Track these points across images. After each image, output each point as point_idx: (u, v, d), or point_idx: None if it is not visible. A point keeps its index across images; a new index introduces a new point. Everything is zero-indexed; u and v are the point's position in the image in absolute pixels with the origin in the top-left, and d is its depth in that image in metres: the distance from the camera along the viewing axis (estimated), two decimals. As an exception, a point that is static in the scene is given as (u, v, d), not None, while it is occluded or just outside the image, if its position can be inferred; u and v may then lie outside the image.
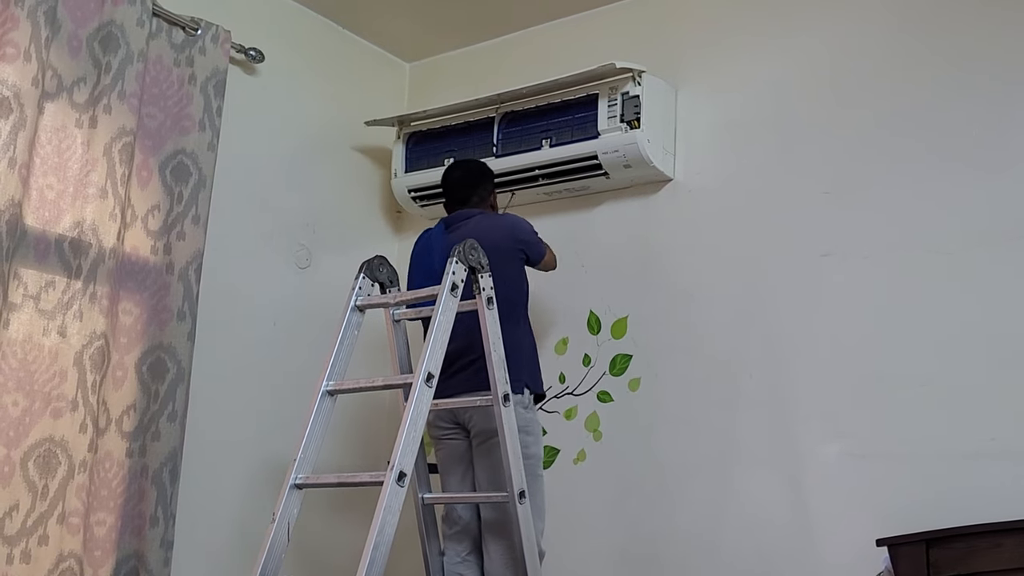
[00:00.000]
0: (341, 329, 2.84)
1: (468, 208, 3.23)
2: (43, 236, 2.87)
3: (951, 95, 3.10)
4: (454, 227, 3.17)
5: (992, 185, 2.99)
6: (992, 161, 3.00)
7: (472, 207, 3.24)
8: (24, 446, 2.77)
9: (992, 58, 3.05)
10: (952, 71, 3.11)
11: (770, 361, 3.25)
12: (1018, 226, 2.93)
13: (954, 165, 3.06)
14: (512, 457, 2.81)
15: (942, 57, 3.14)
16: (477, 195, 3.27)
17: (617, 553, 3.40)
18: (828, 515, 3.05)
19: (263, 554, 2.56)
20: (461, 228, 3.15)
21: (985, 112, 3.04)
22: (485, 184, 3.31)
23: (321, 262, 3.83)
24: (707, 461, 3.29)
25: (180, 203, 3.21)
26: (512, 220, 3.22)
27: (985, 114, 3.04)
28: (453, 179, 3.31)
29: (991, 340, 2.91)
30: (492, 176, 3.38)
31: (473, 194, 3.26)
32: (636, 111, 3.43)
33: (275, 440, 3.41)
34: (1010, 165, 2.97)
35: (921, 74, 3.16)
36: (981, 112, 3.04)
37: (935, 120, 3.12)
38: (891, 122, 3.20)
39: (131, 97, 3.08)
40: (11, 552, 2.70)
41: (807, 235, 3.27)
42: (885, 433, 3.01)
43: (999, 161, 2.99)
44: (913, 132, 3.15)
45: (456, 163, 3.44)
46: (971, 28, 3.11)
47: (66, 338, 2.88)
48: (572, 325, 3.65)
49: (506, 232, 3.14)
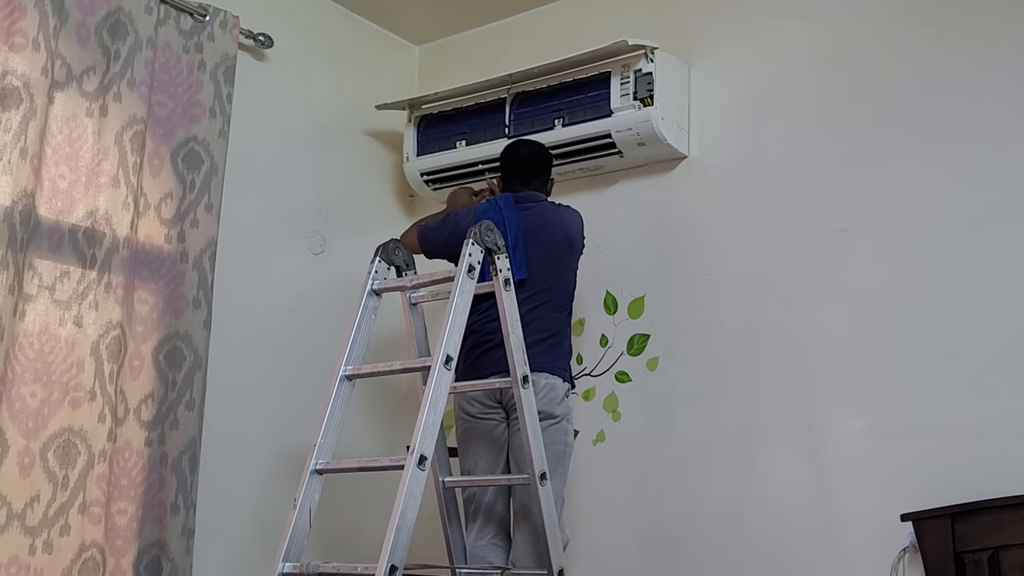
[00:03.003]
0: (358, 313, 2.83)
1: (530, 190, 3.22)
2: (57, 226, 2.86)
3: (970, 65, 3.06)
4: (526, 206, 3.15)
5: (1014, 156, 2.95)
6: (1014, 131, 2.96)
7: (533, 189, 3.23)
8: (43, 437, 2.76)
9: (1013, 27, 3.01)
10: (971, 41, 3.07)
11: (790, 337, 3.22)
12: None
13: (974, 136, 3.02)
14: (533, 439, 2.79)
15: (961, 27, 3.10)
16: (540, 179, 3.27)
17: (638, 534, 3.38)
18: (851, 491, 3.03)
19: (285, 540, 2.55)
20: (533, 210, 3.15)
21: (1006, 81, 3.00)
22: (549, 169, 3.32)
23: (335, 248, 3.82)
24: (728, 440, 3.27)
25: (192, 191, 3.19)
26: (581, 217, 3.21)
27: (1006, 83, 3.00)
28: (522, 156, 3.28)
29: (1015, 312, 2.88)
30: (552, 162, 3.37)
31: (538, 177, 3.26)
32: (649, 88, 3.40)
33: (294, 426, 3.40)
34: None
35: (939, 45, 3.13)
36: (1001, 82, 3.00)
37: (954, 91, 3.08)
38: (909, 94, 3.16)
39: (141, 85, 3.06)
40: (33, 543, 2.70)
41: (825, 210, 3.24)
42: (908, 407, 2.98)
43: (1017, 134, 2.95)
44: (931, 104, 3.11)
45: (523, 140, 3.41)
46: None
47: (82, 328, 2.87)
48: (588, 306, 3.63)
49: (579, 228, 3.19)
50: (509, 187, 3.26)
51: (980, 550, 2.69)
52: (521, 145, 3.35)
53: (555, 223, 3.15)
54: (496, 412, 3.08)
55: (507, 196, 3.19)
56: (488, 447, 3.10)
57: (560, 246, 3.12)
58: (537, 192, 3.23)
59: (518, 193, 3.20)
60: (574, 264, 3.19)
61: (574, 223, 3.19)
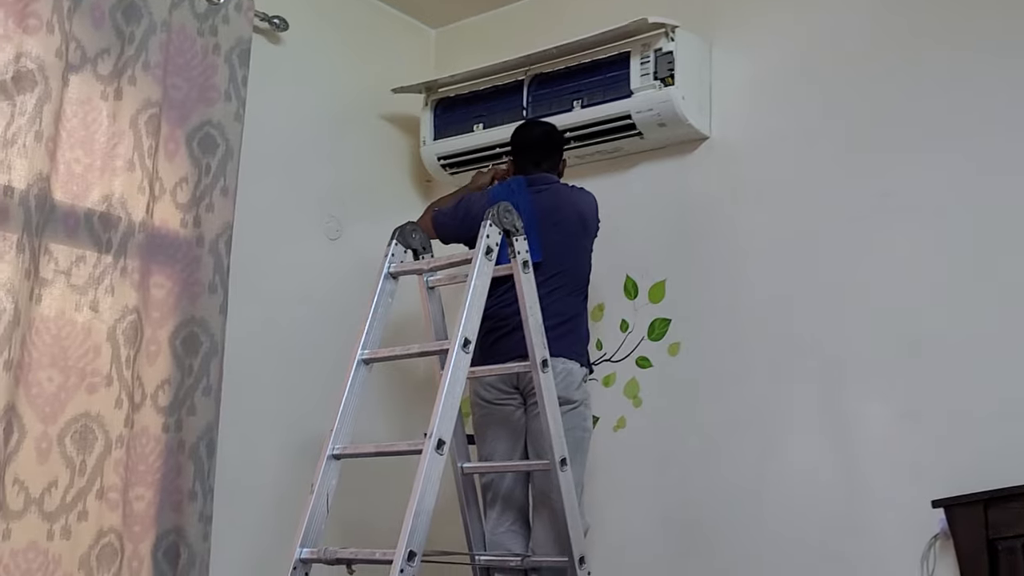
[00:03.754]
0: (375, 297, 2.80)
1: (542, 171, 3.18)
2: (72, 211, 2.84)
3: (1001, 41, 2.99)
4: (539, 188, 3.12)
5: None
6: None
7: (545, 171, 3.19)
8: (61, 422, 2.75)
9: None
10: (999, 17, 3.00)
11: (816, 321, 3.17)
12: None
13: (1005, 117, 2.96)
14: (552, 424, 2.76)
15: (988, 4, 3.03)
16: (552, 160, 3.23)
17: (659, 521, 3.35)
18: (881, 477, 2.99)
19: (303, 525, 2.54)
20: (546, 192, 3.11)
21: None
22: (561, 150, 3.29)
23: (351, 233, 3.79)
24: (752, 426, 3.23)
25: (208, 175, 3.16)
26: (594, 199, 3.18)
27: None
28: (533, 138, 3.25)
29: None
30: (564, 143, 3.35)
31: (550, 158, 3.23)
32: (670, 68, 3.35)
33: (311, 411, 3.38)
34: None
35: (969, 17, 3.06)
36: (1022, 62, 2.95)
37: (984, 68, 3.02)
38: (936, 72, 3.10)
39: (155, 68, 3.03)
40: (51, 528, 2.69)
41: (851, 191, 3.18)
42: (939, 392, 2.93)
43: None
44: (961, 82, 3.05)
45: (534, 122, 3.38)
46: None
47: (98, 313, 2.85)
48: (608, 290, 3.58)
49: (594, 210, 3.16)
50: (521, 169, 3.22)
51: (1014, 537, 2.65)
52: (532, 126, 3.32)
53: (569, 205, 3.11)
54: (513, 397, 3.04)
55: (520, 179, 3.16)
56: (506, 433, 3.07)
57: (574, 228, 3.09)
58: (549, 174, 3.19)
59: (531, 175, 3.17)
60: (589, 246, 3.15)
61: (588, 205, 3.15)
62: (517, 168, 3.25)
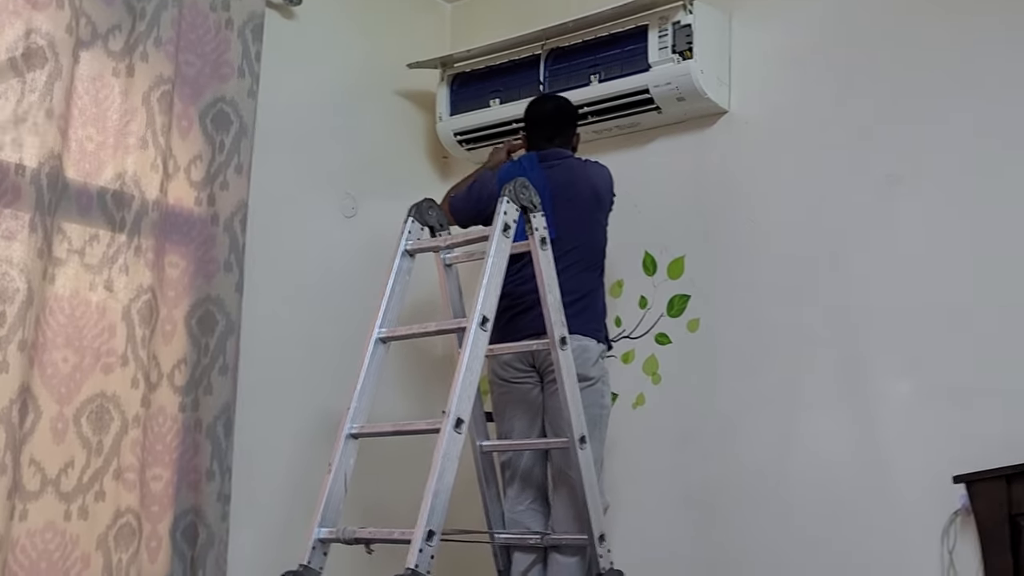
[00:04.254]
0: (391, 275, 2.78)
1: (555, 147, 3.14)
2: (85, 189, 2.82)
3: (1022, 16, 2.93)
4: (551, 164, 3.08)
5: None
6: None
7: (558, 146, 3.15)
8: (76, 402, 2.73)
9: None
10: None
11: (837, 296, 3.13)
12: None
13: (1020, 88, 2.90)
14: (572, 401, 2.73)
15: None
16: (565, 135, 3.20)
17: (679, 498, 3.32)
18: (901, 453, 2.95)
19: (320, 505, 2.53)
20: (558, 167, 3.07)
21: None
22: (575, 124, 3.24)
23: (367, 210, 3.75)
24: (772, 402, 3.19)
25: (222, 152, 3.14)
26: (609, 172, 3.14)
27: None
28: (545, 112, 3.21)
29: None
30: (578, 117, 3.30)
31: (562, 133, 3.19)
32: (688, 41, 3.29)
33: (328, 390, 3.35)
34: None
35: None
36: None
37: (1007, 37, 2.96)
38: (959, 40, 3.04)
39: (167, 44, 3.00)
40: (68, 508, 2.68)
41: (872, 163, 3.14)
42: (960, 366, 2.89)
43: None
44: (983, 50, 3.00)
45: (546, 96, 3.35)
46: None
47: (113, 292, 2.84)
48: (627, 267, 3.55)
49: (607, 183, 3.12)
50: (534, 145, 3.18)
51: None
52: (544, 101, 3.28)
53: (582, 180, 3.07)
54: (530, 376, 3.02)
55: (531, 155, 3.13)
56: (523, 411, 3.04)
57: (588, 203, 3.05)
58: (563, 149, 3.15)
59: (543, 151, 3.13)
60: (603, 221, 3.12)
61: (602, 179, 3.11)
62: (530, 144, 3.21)
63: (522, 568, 2.95)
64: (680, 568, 3.26)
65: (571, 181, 3.03)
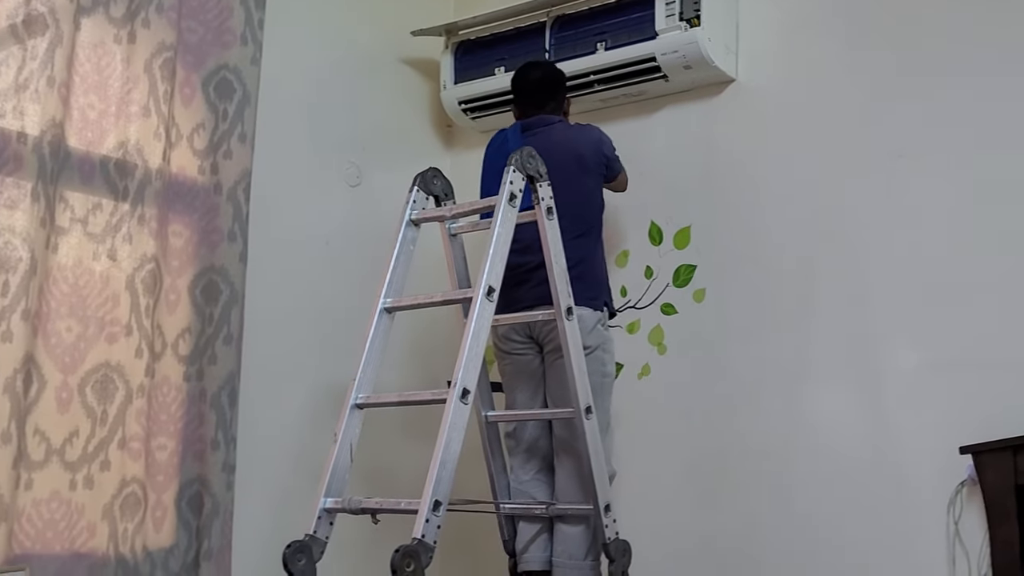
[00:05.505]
0: (396, 245, 2.76)
1: (544, 114, 3.10)
2: (87, 157, 2.79)
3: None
4: (534, 131, 3.04)
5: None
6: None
7: (548, 113, 3.11)
8: (81, 372, 2.73)
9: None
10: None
11: (844, 268, 3.12)
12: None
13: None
14: (577, 372, 2.72)
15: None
16: (555, 100, 3.15)
17: (684, 468, 3.32)
18: (908, 425, 2.95)
19: (326, 475, 2.52)
20: (541, 134, 3.03)
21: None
22: (561, 89, 3.19)
23: (372, 179, 3.73)
24: (778, 373, 3.18)
25: (225, 121, 3.11)
26: (598, 134, 3.10)
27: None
28: (531, 80, 3.16)
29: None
30: (567, 81, 3.24)
31: (551, 99, 3.14)
32: (696, 8, 3.26)
33: (333, 360, 3.35)
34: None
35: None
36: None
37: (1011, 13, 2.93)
38: (969, 12, 3.01)
39: (169, 10, 2.97)
40: (74, 478, 2.68)
41: (880, 135, 3.11)
42: (967, 338, 2.88)
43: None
44: (992, 22, 2.97)
45: (532, 63, 3.29)
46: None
47: (116, 262, 2.82)
48: (633, 237, 3.53)
49: (593, 145, 3.06)
50: (522, 113, 3.15)
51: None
52: (529, 68, 3.22)
53: (562, 144, 3.00)
54: (529, 347, 3.01)
55: (516, 124, 3.10)
56: (524, 382, 3.04)
57: (570, 168, 2.96)
58: (552, 115, 3.11)
59: (528, 119, 3.09)
60: (592, 183, 3.05)
61: (586, 140, 3.05)
62: (518, 113, 3.17)
63: (527, 538, 2.96)
64: (685, 538, 3.27)
65: (550, 148, 2.91)
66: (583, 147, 3.03)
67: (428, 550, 2.25)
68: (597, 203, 3.07)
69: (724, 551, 3.20)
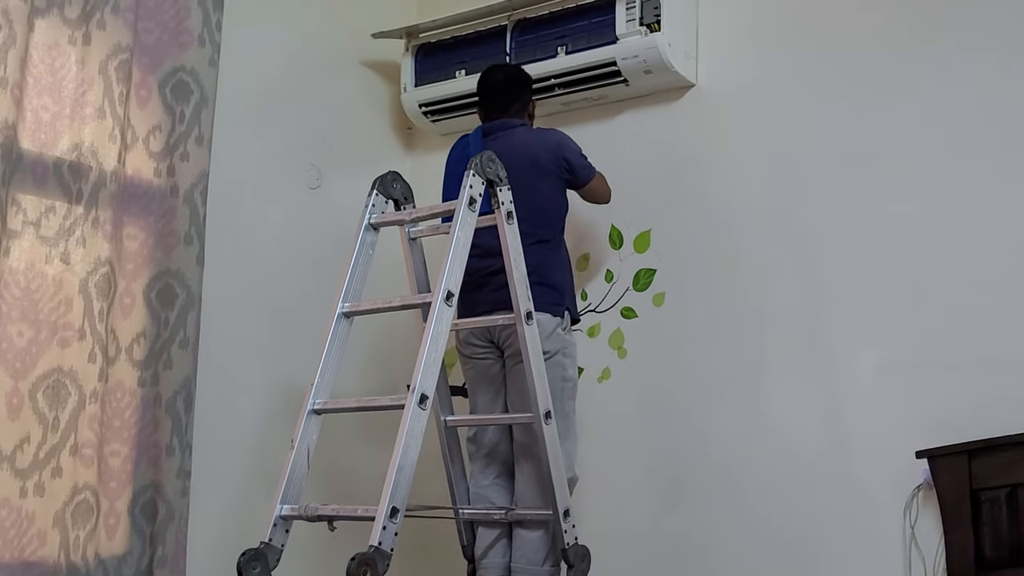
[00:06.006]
0: (355, 249, 2.75)
1: (508, 117, 3.09)
2: (40, 159, 2.75)
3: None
4: (495, 136, 3.03)
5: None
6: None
7: (512, 116, 3.09)
8: (32, 377, 2.69)
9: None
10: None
11: (801, 271, 3.15)
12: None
13: (992, 61, 2.92)
14: (537, 376, 2.72)
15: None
16: (519, 102, 3.13)
17: (644, 472, 3.33)
18: (865, 428, 2.97)
19: (283, 482, 2.50)
20: (502, 138, 3.01)
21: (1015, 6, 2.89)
22: (526, 91, 3.17)
23: (332, 182, 3.71)
24: (737, 376, 3.20)
25: (182, 123, 3.08)
26: (559, 136, 3.07)
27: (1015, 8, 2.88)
28: (494, 82, 3.14)
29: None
30: (532, 84, 3.23)
31: (515, 101, 3.12)
32: (656, 13, 3.27)
33: (291, 365, 3.33)
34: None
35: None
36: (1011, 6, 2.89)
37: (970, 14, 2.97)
38: (924, 17, 3.05)
39: (125, 11, 2.94)
40: (24, 485, 2.64)
41: (836, 139, 3.14)
42: (924, 342, 2.91)
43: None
44: (942, 30, 3.02)
45: (496, 66, 3.27)
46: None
47: (70, 265, 2.78)
48: (593, 240, 3.54)
49: (551, 147, 3.02)
50: (486, 116, 3.14)
51: (998, 487, 2.66)
52: (495, 70, 3.21)
53: (518, 147, 2.98)
54: (490, 351, 3.00)
55: (478, 128, 3.09)
56: (485, 386, 3.03)
57: (525, 172, 2.92)
58: (515, 119, 3.09)
59: (491, 123, 3.09)
60: (548, 188, 3.00)
61: (543, 144, 3.01)
62: (483, 115, 3.16)
63: (486, 543, 2.95)
64: (644, 542, 3.27)
65: (507, 151, 2.89)
66: (539, 151, 3.00)
67: (385, 557, 2.23)
68: (556, 208, 3.04)
69: (683, 554, 3.21)
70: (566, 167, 3.04)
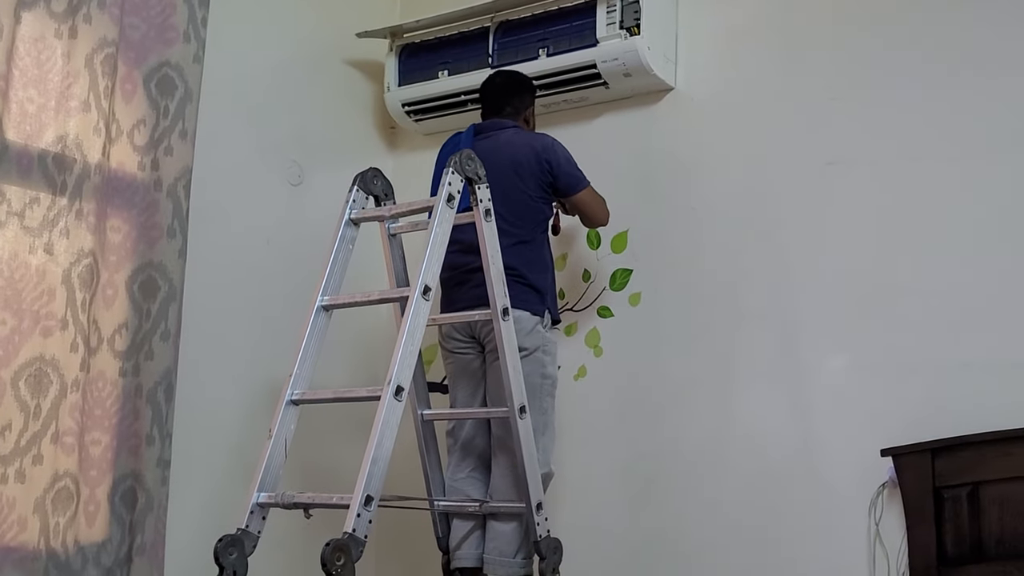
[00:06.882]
0: (335, 244, 2.78)
1: (502, 118, 3.14)
2: (25, 151, 2.79)
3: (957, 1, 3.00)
4: (485, 135, 3.08)
5: (999, 90, 2.91)
6: (1000, 66, 2.92)
7: (505, 117, 3.15)
8: (14, 366, 2.71)
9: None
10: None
11: (774, 273, 3.20)
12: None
13: (968, 68, 2.97)
14: (512, 372, 2.76)
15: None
16: (512, 106, 3.17)
17: (619, 470, 3.38)
18: (832, 428, 3.03)
19: (260, 470, 2.53)
20: (491, 138, 3.06)
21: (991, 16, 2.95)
22: (523, 96, 3.22)
23: (314, 179, 3.75)
24: (710, 376, 3.25)
25: (167, 117, 3.11)
26: (548, 141, 3.08)
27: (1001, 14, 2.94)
28: (493, 85, 3.21)
29: (998, 249, 2.85)
30: (533, 91, 3.28)
31: (508, 104, 3.17)
32: (636, 17, 3.32)
33: (271, 357, 3.36)
34: (1019, 69, 2.88)
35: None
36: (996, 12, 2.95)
37: (949, 21, 3.03)
38: (897, 28, 3.11)
39: (111, 6, 2.97)
40: (5, 472, 2.67)
41: (812, 144, 3.20)
42: (890, 344, 2.97)
43: (1007, 66, 2.91)
44: (919, 38, 3.07)
45: (500, 71, 3.34)
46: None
47: (53, 256, 2.81)
48: (571, 240, 3.58)
49: (536, 150, 3.04)
50: (483, 117, 3.20)
51: (960, 485, 2.71)
52: (495, 75, 3.28)
53: (503, 148, 3.02)
54: (471, 346, 3.05)
55: (471, 127, 3.13)
56: (465, 381, 3.08)
57: (507, 174, 2.97)
58: (507, 120, 3.14)
59: (484, 122, 3.14)
60: (529, 191, 3.02)
61: (527, 149, 3.03)
62: (482, 117, 3.22)
63: (460, 535, 2.99)
64: (616, 536, 3.32)
65: (492, 152, 2.95)
66: (523, 153, 3.03)
67: (359, 544, 2.27)
68: (537, 211, 3.07)
69: (654, 549, 3.26)
70: (548, 171, 3.05)
